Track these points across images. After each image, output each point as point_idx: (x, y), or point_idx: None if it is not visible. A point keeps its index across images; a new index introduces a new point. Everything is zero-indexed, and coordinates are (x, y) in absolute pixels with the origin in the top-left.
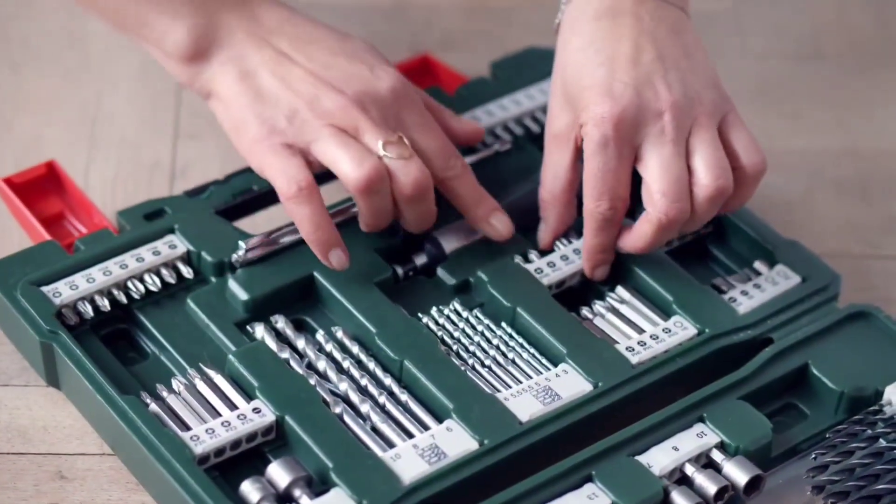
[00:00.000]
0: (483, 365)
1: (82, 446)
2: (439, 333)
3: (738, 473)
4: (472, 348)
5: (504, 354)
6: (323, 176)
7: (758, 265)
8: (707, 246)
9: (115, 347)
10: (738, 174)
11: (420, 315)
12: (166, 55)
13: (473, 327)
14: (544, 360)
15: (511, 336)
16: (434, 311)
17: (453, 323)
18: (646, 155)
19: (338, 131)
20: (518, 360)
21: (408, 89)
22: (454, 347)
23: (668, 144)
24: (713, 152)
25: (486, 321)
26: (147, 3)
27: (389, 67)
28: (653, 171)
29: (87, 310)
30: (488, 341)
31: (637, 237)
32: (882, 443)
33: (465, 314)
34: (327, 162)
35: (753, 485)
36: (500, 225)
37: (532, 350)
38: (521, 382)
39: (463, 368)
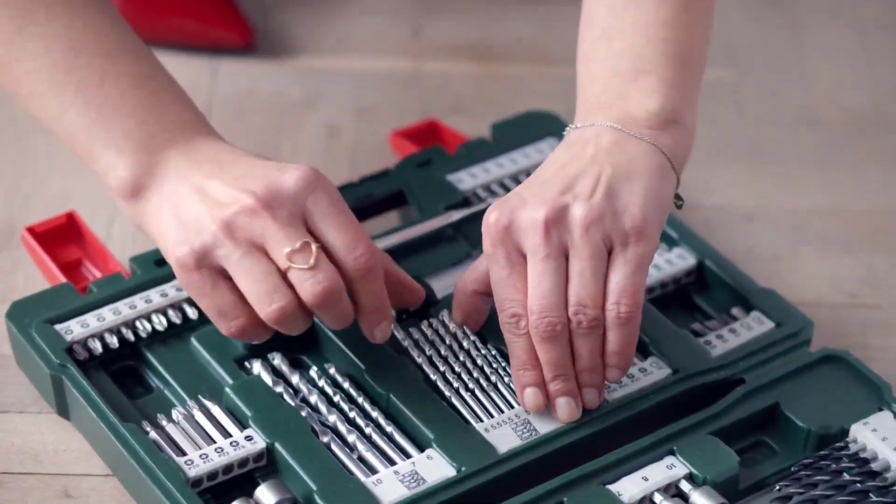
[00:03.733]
0: (467, 389)
1: (88, 468)
2: (428, 352)
3: (704, 502)
4: (457, 369)
5: (488, 378)
6: None
7: (735, 311)
8: (690, 295)
9: (123, 382)
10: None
11: (411, 330)
12: (111, 189)
13: (460, 343)
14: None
15: (495, 357)
16: (424, 324)
17: (440, 337)
18: (528, 267)
19: (247, 252)
20: (500, 385)
21: (319, 181)
22: (441, 368)
23: (541, 261)
24: (584, 281)
25: (472, 336)
26: (95, 136)
27: (301, 166)
28: (529, 286)
29: (97, 346)
30: (473, 361)
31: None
32: (845, 476)
33: (452, 327)
34: (243, 292)
35: None
36: (379, 334)
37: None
38: (503, 412)
39: (448, 393)
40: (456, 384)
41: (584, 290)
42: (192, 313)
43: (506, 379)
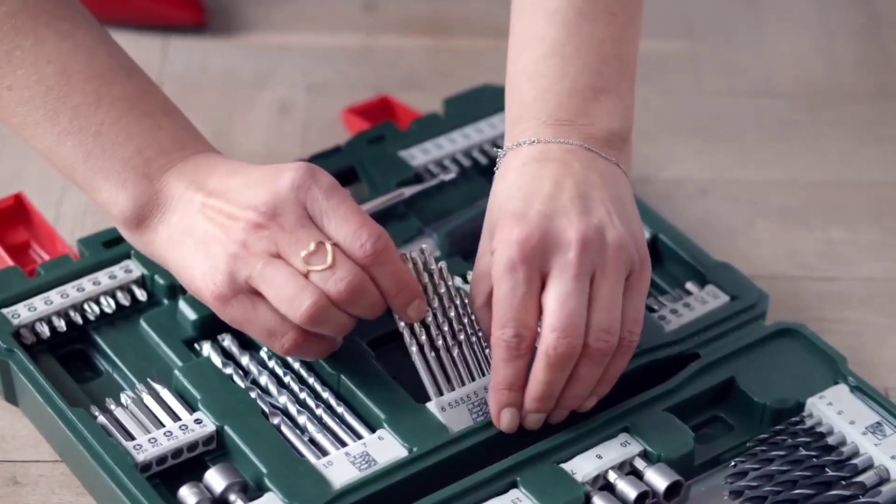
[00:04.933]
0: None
1: (36, 454)
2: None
3: (659, 479)
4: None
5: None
6: None
7: (689, 286)
8: None
9: (72, 366)
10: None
11: None
12: (114, 219)
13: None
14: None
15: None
16: None
17: None
18: (549, 285)
19: (266, 263)
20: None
21: (311, 178)
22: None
23: (571, 280)
24: (607, 310)
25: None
26: (94, 168)
27: (295, 164)
28: (550, 303)
29: (44, 330)
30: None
31: (530, 380)
32: (801, 451)
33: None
34: (271, 302)
35: (673, 491)
36: (413, 312)
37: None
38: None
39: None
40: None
41: (612, 316)
42: (140, 295)
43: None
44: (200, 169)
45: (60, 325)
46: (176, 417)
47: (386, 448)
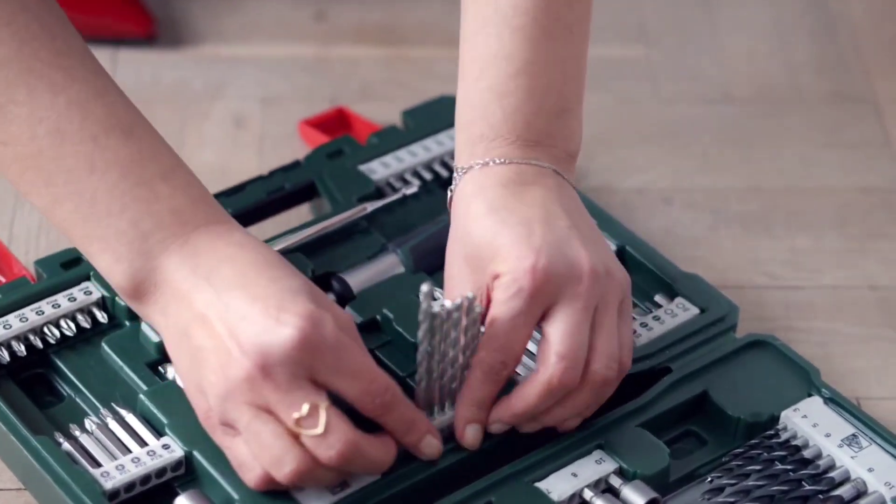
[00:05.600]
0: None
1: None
2: None
3: (636, 497)
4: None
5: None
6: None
7: (658, 298)
8: None
9: (32, 391)
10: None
11: None
12: (113, 287)
13: None
14: None
15: None
16: None
17: None
18: (555, 315)
19: (253, 417)
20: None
21: (319, 338)
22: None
23: (580, 311)
24: (611, 338)
25: None
26: (90, 236)
27: (299, 309)
28: (557, 332)
29: (4, 355)
30: None
31: (519, 398)
32: (777, 465)
33: None
34: (255, 457)
35: None
36: (427, 450)
37: None
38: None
39: None
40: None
41: (615, 343)
42: (101, 317)
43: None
44: (202, 259)
45: (20, 349)
46: (143, 443)
47: None
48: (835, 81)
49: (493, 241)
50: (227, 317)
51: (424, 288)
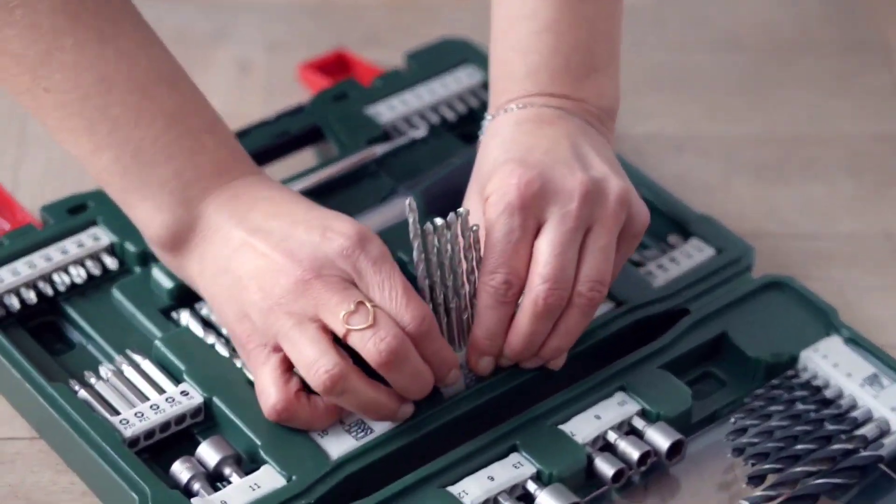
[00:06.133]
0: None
1: (11, 431)
2: None
3: (660, 439)
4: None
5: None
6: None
7: (672, 239)
8: None
9: (42, 339)
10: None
11: None
12: (147, 238)
13: None
14: None
15: None
16: None
17: None
18: (544, 233)
19: (296, 324)
20: None
21: (364, 242)
22: None
23: (569, 231)
24: (603, 262)
25: None
26: (131, 185)
27: (345, 227)
28: (543, 253)
29: (14, 303)
30: None
31: (513, 329)
32: (799, 406)
33: None
34: (294, 363)
35: (675, 450)
36: (452, 381)
37: None
38: None
39: None
40: None
41: (605, 267)
42: (111, 263)
43: None
44: (241, 200)
45: (30, 297)
46: (160, 390)
47: None
48: (844, 28)
49: (494, 166)
50: (270, 239)
51: (409, 202)
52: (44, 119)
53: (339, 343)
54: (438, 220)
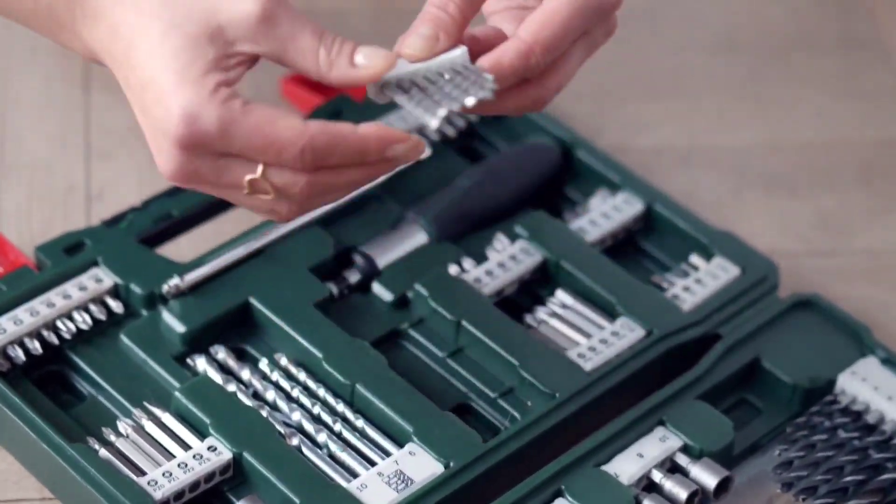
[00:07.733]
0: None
1: (21, 491)
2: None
3: (707, 477)
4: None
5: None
6: None
7: (694, 259)
8: (637, 242)
9: (49, 390)
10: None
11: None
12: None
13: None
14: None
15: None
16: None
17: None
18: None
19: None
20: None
21: (193, 130)
22: None
23: (595, 48)
24: (574, 68)
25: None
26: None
27: (172, 120)
28: (546, 30)
29: (19, 354)
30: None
31: (489, 57)
32: (842, 433)
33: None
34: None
35: (722, 486)
36: (399, 153)
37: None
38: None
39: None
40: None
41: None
42: (115, 306)
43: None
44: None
45: (35, 346)
46: (186, 446)
47: (420, 464)
48: (839, 26)
49: None
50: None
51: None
52: None
53: None
54: None
